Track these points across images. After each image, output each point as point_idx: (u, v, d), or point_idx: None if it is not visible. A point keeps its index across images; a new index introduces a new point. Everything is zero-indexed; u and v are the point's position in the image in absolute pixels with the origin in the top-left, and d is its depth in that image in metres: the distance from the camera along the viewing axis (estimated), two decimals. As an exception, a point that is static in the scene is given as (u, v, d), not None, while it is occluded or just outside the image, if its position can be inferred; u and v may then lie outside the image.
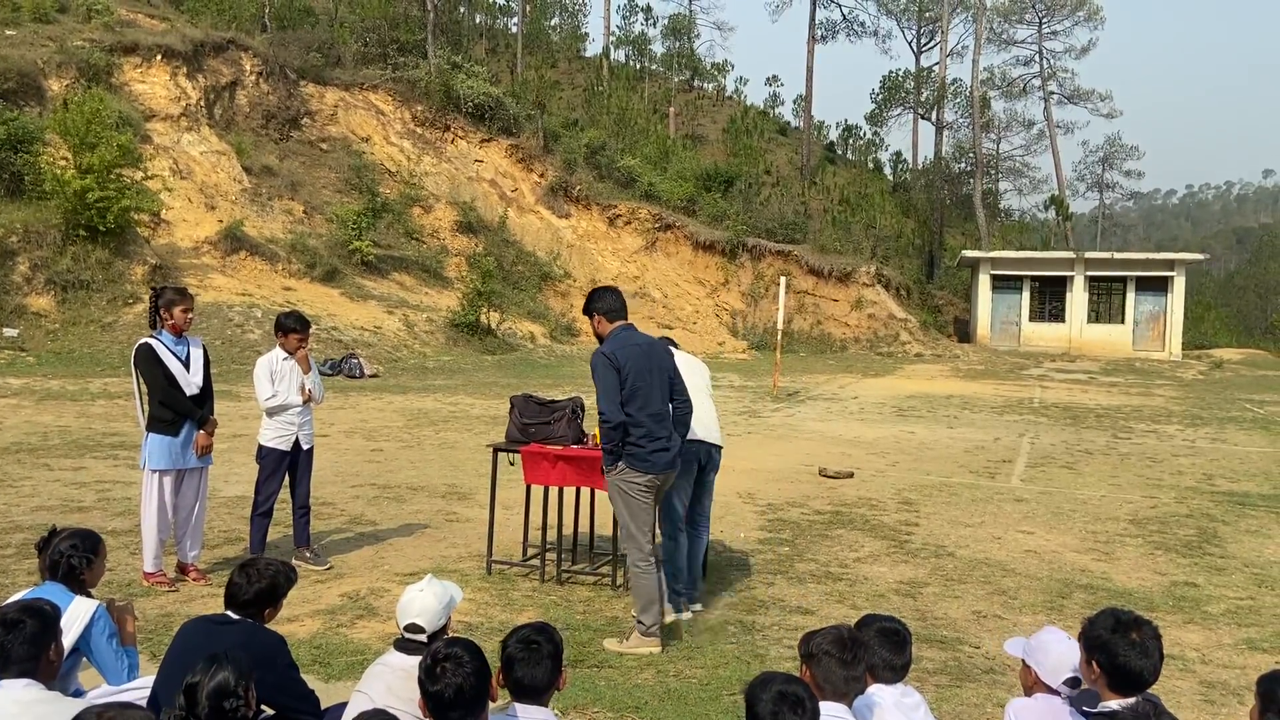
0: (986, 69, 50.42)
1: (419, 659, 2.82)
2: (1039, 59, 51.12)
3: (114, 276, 21.87)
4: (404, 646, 3.21)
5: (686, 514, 5.98)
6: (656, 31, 59.11)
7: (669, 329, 31.94)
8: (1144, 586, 6.79)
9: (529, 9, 55.27)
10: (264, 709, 3.17)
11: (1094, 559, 7.52)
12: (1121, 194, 67.19)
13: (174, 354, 6.16)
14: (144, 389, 6.17)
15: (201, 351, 6.36)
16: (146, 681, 3.49)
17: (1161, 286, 36.41)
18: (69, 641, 3.42)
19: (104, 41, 28.48)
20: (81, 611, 3.51)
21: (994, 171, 52.17)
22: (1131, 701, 2.98)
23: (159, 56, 29.56)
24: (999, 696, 4.69)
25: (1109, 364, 32.05)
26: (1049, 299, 37.49)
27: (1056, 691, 3.17)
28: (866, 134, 56.26)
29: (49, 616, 3.02)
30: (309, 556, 6.63)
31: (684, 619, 5.74)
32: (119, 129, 23.20)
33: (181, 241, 25.05)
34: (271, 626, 3.51)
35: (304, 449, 6.67)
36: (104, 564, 3.83)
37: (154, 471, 6.10)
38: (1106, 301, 37.19)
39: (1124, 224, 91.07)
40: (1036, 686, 3.23)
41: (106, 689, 3.56)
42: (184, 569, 6.29)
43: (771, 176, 46.21)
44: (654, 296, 35.98)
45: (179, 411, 6.13)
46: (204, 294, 21.74)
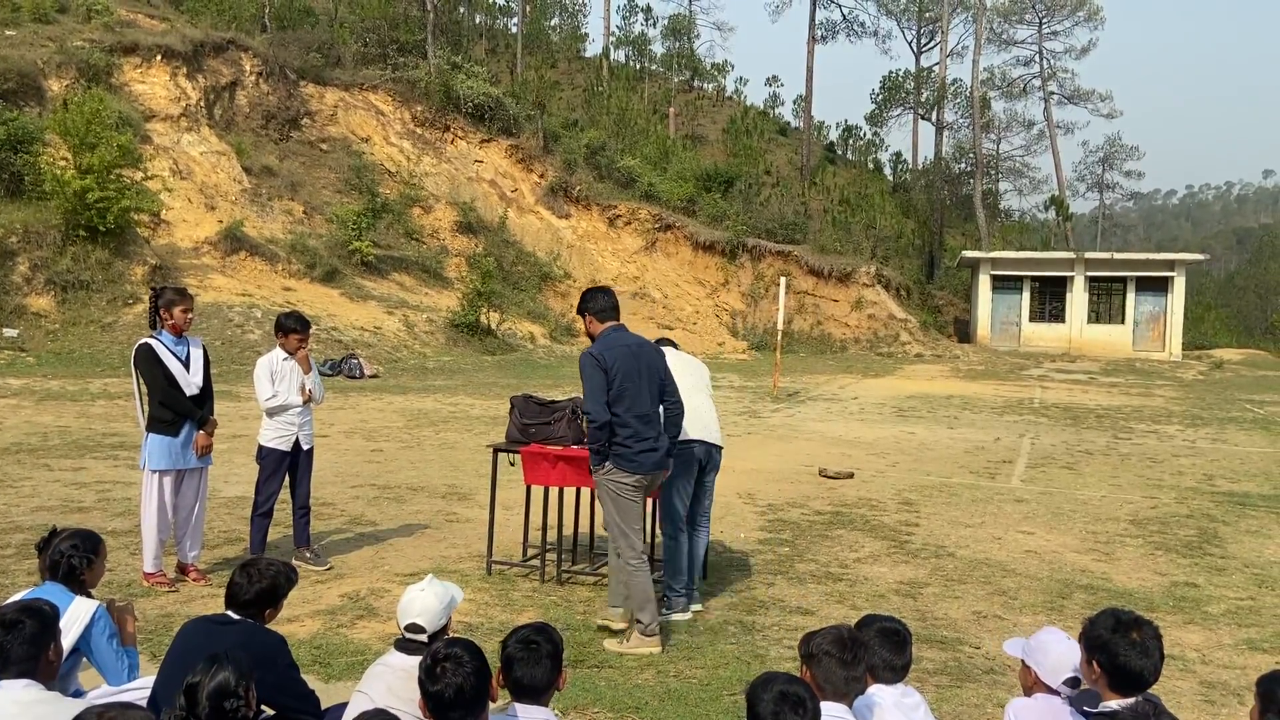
0: (986, 69, 50.52)
1: (419, 659, 2.82)
2: (1039, 59, 51.20)
3: (114, 277, 21.88)
4: (404, 647, 3.21)
5: (686, 514, 5.98)
6: (656, 32, 59.24)
7: (669, 329, 31.93)
8: (1144, 587, 6.79)
9: (529, 9, 55.26)
10: (264, 709, 3.17)
11: (1094, 559, 7.52)
12: (1121, 194, 67.31)
13: (174, 354, 6.16)
14: (144, 389, 6.17)
15: (201, 352, 6.37)
16: (147, 682, 3.50)
17: (1162, 287, 36.41)
18: (69, 642, 3.42)
19: (104, 42, 28.49)
20: (82, 612, 3.51)
21: (994, 172, 52.19)
22: (1131, 701, 2.98)
23: (159, 57, 29.57)
24: (999, 697, 4.69)
25: (1109, 364, 32.05)
26: (1049, 299, 37.49)
27: (1056, 691, 3.17)
28: (866, 134, 56.35)
29: (48, 617, 3.02)
30: (309, 557, 6.63)
31: (684, 618, 5.75)
32: (119, 129, 23.20)
33: (181, 242, 25.06)
34: (272, 627, 3.52)
35: (304, 449, 6.68)
36: (104, 564, 3.83)
37: (154, 472, 6.10)
38: (1106, 302, 37.18)
39: (1124, 224, 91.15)
40: (1036, 687, 3.23)
41: (106, 689, 3.56)
42: (184, 569, 6.30)
43: (771, 177, 46.21)
44: (654, 297, 35.97)
45: (179, 412, 6.13)
46: (204, 294, 21.75)
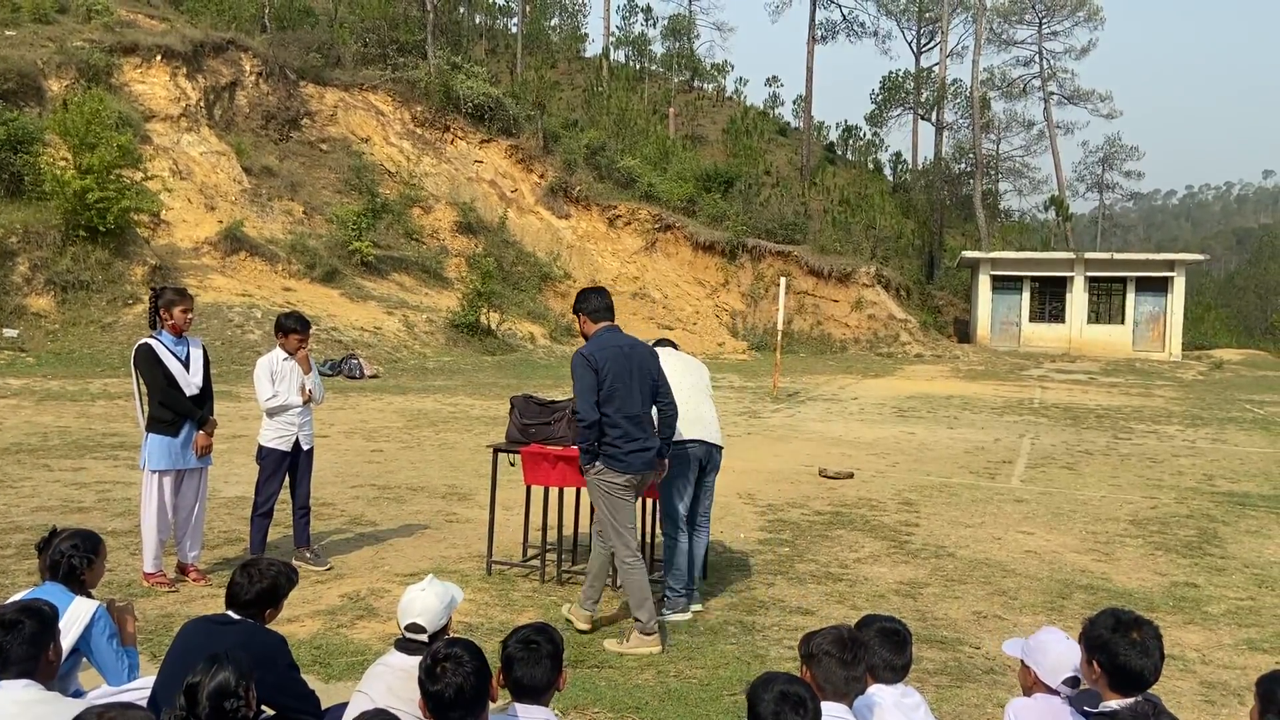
0: (986, 69, 50.48)
1: (420, 659, 2.82)
2: (1039, 59, 51.17)
3: (114, 277, 21.88)
4: (405, 646, 3.21)
5: (687, 514, 5.98)
6: (656, 32, 59.25)
7: (669, 330, 31.92)
8: (1144, 587, 6.79)
9: (529, 9, 55.26)
10: (264, 709, 3.17)
11: (1094, 559, 7.52)
12: (1121, 194, 67.33)
13: (174, 354, 6.16)
14: (144, 389, 6.18)
15: (201, 352, 6.37)
16: (147, 682, 3.50)
17: (1161, 287, 36.41)
18: (69, 642, 3.42)
19: (104, 42, 28.49)
20: (82, 612, 3.51)
21: (994, 172, 52.18)
22: (1131, 701, 2.98)
23: (159, 57, 29.58)
24: (999, 697, 4.69)
25: (1109, 364, 32.05)
26: (1049, 299, 37.49)
27: (1056, 691, 3.17)
28: (866, 134, 56.36)
29: (47, 617, 3.02)
30: (309, 557, 6.63)
31: (684, 618, 5.75)
32: (119, 129, 23.20)
33: (181, 242, 25.06)
34: (272, 627, 3.52)
35: (304, 449, 6.67)
36: (104, 564, 3.83)
37: (154, 472, 6.10)
38: (1106, 302, 37.18)
39: (1124, 224, 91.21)
40: (1036, 687, 3.23)
41: (107, 689, 3.56)
42: (184, 569, 6.30)
43: (771, 177, 46.20)
44: (654, 297, 35.97)
45: (179, 412, 6.13)
46: (204, 294, 21.75)
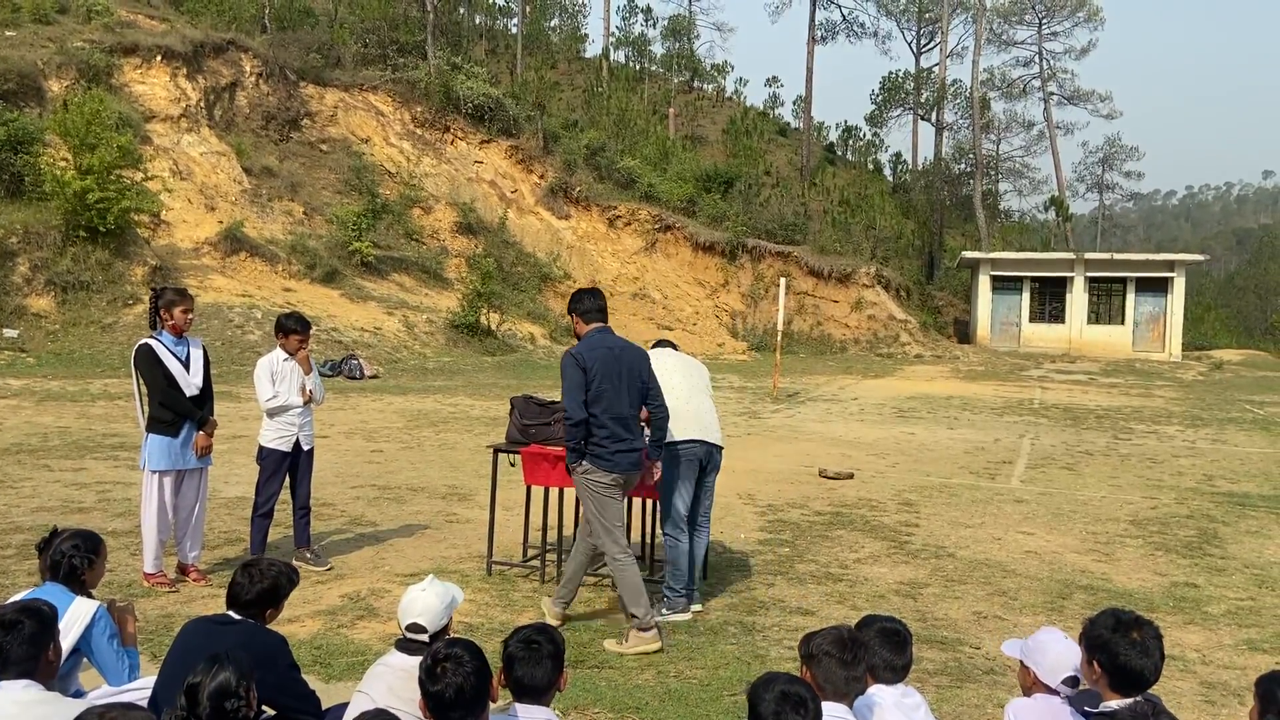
0: (986, 70, 50.48)
1: (420, 659, 2.82)
2: (1039, 60, 51.19)
3: (114, 277, 21.88)
4: (405, 647, 3.21)
5: (687, 515, 5.98)
6: (656, 32, 59.21)
7: (668, 330, 31.94)
8: (1144, 587, 6.79)
9: (529, 10, 55.26)
10: (265, 709, 3.17)
11: (1094, 560, 7.53)
12: (1121, 195, 67.40)
13: (174, 355, 6.16)
14: (144, 390, 6.18)
15: (201, 352, 6.37)
16: (147, 682, 3.50)
17: (1161, 287, 36.41)
18: (70, 642, 3.42)
19: (104, 42, 28.49)
20: (82, 612, 3.51)
21: (994, 172, 52.19)
22: (1130, 701, 2.98)
23: (159, 57, 29.58)
24: (999, 697, 4.69)
25: (1109, 365, 32.06)
26: (1049, 300, 37.49)
27: (1055, 691, 3.17)
28: (866, 135, 56.35)
29: (46, 617, 3.02)
30: (309, 557, 6.64)
31: (684, 618, 5.75)
32: (119, 130, 23.19)
33: (181, 242, 25.07)
34: (272, 627, 3.52)
35: (304, 450, 6.68)
36: (104, 564, 3.83)
37: (154, 472, 6.10)
38: (1106, 302, 37.18)
39: (1124, 225, 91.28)
40: (1035, 687, 3.23)
41: (107, 689, 3.56)
42: (184, 570, 6.30)
43: (771, 177, 46.19)
44: (654, 297, 35.97)
45: (179, 412, 6.14)
46: (204, 295, 21.75)
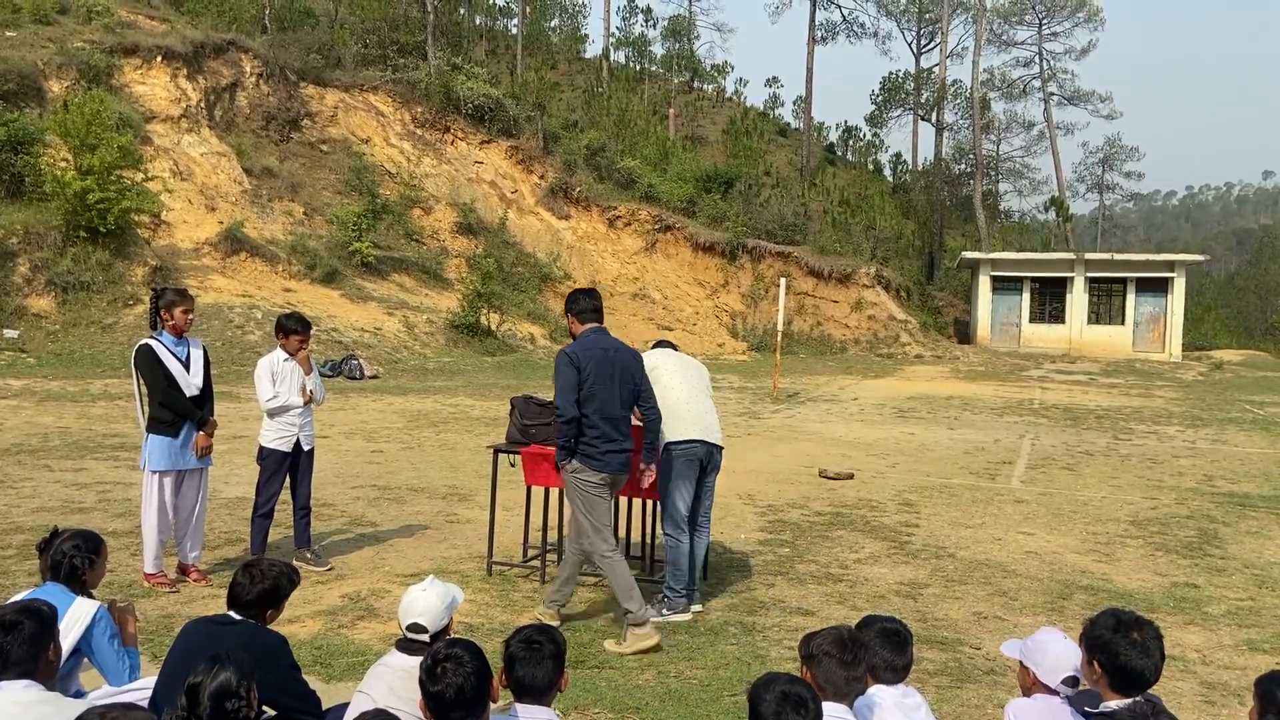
0: (986, 70, 50.46)
1: (420, 659, 2.82)
2: (1039, 60, 51.18)
3: (114, 278, 21.88)
4: (406, 647, 3.21)
5: (688, 515, 5.98)
6: (656, 33, 59.18)
7: (668, 330, 31.94)
8: (1144, 587, 6.79)
9: (529, 10, 55.27)
10: (265, 709, 3.17)
11: (1094, 560, 7.53)
12: (1121, 195, 67.42)
13: (174, 355, 6.17)
14: (144, 390, 6.18)
15: (202, 353, 6.37)
16: (148, 682, 3.50)
17: (1161, 288, 36.40)
18: (70, 642, 3.42)
19: (104, 43, 28.50)
20: (83, 612, 3.51)
21: (994, 173, 52.18)
22: (1130, 701, 2.98)
23: (159, 58, 29.58)
24: (999, 697, 4.69)
25: (1109, 365, 32.05)
26: (1049, 300, 37.48)
27: (1055, 691, 3.17)
28: (866, 135, 56.32)
29: (46, 617, 3.02)
30: (310, 557, 6.64)
31: (684, 619, 5.75)
32: (119, 130, 23.20)
33: (182, 243, 25.07)
34: (273, 627, 3.52)
35: (305, 450, 6.68)
36: (105, 565, 3.84)
37: (154, 472, 6.10)
38: (1106, 303, 37.18)
39: (1124, 225, 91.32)
40: (1035, 687, 3.23)
41: (108, 690, 3.56)
42: (185, 570, 6.30)
43: (771, 178, 46.19)
44: (654, 298, 35.97)
45: (179, 412, 6.14)
46: (204, 295, 21.75)
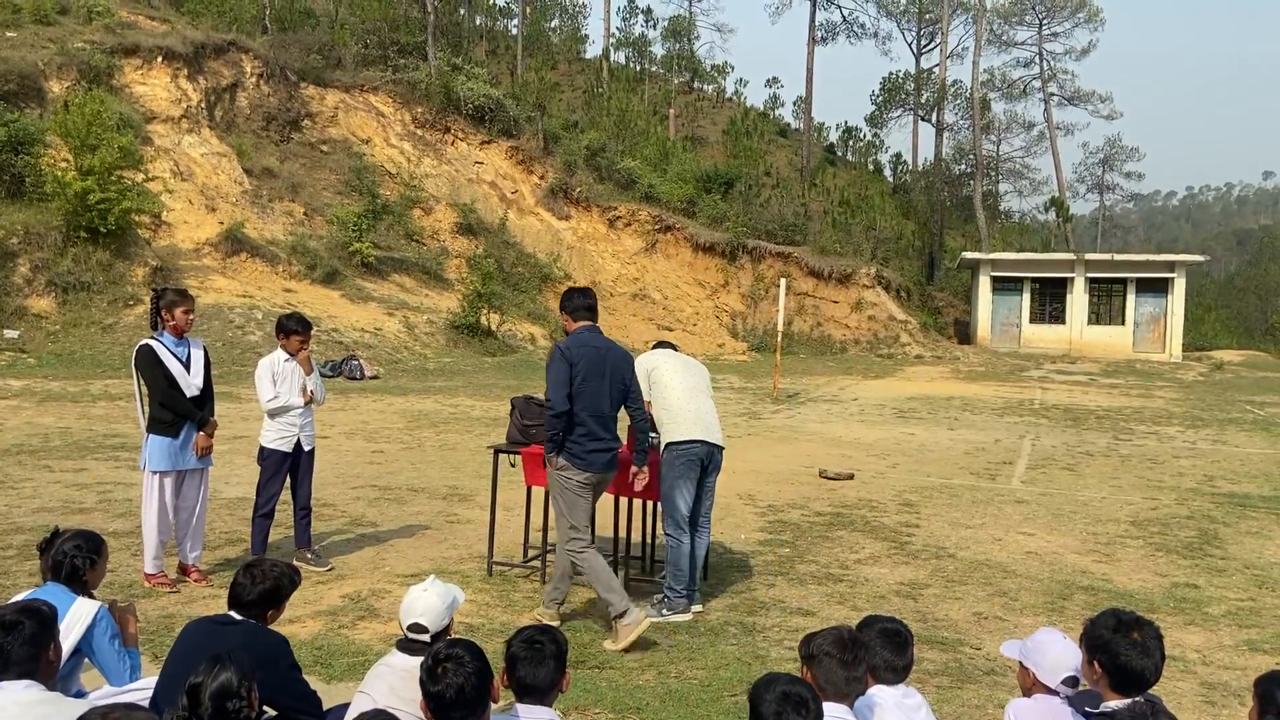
0: (986, 70, 50.45)
1: (421, 660, 2.83)
2: (1039, 60, 51.14)
3: (115, 278, 21.89)
4: (406, 647, 3.21)
5: (688, 515, 5.98)
6: (656, 33, 59.16)
7: (669, 331, 31.95)
8: (1145, 588, 6.79)
9: (529, 11, 55.28)
10: (266, 710, 3.18)
11: (1095, 560, 7.53)
12: (1121, 195, 67.34)
13: (175, 355, 6.17)
14: (144, 390, 6.18)
15: (202, 353, 6.37)
16: (149, 682, 3.50)
17: (1162, 288, 36.40)
18: (71, 643, 3.42)
19: (104, 43, 28.49)
20: (84, 613, 3.52)
21: (994, 173, 52.16)
22: (1130, 701, 2.98)
23: (160, 58, 29.58)
24: (1000, 698, 4.69)
25: (1109, 365, 32.05)
26: (1049, 300, 37.48)
27: (1055, 692, 3.17)
28: (866, 136, 56.31)
29: (46, 617, 3.02)
30: (310, 558, 6.64)
31: (685, 619, 5.76)
32: (120, 131, 23.20)
33: (182, 243, 25.07)
34: (273, 628, 3.52)
35: (305, 450, 6.68)
36: (106, 565, 3.84)
37: (154, 473, 6.11)
38: (1107, 303, 37.18)
39: (1124, 225, 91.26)
40: (1035, 687, 3.23)
41: (109, 690, 3.56)
42: (185, 570, 6.30)
43: (771, 178, 46.19)
44: (654, 298, 35.97)
45: (179, 413, 6.14)
46: (204, 296, 21.75)
